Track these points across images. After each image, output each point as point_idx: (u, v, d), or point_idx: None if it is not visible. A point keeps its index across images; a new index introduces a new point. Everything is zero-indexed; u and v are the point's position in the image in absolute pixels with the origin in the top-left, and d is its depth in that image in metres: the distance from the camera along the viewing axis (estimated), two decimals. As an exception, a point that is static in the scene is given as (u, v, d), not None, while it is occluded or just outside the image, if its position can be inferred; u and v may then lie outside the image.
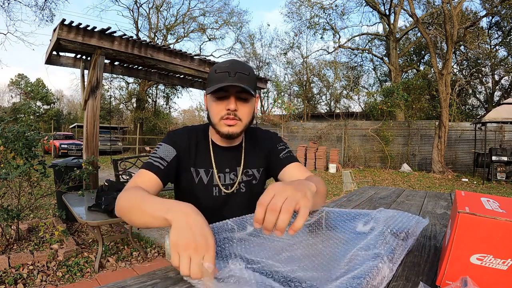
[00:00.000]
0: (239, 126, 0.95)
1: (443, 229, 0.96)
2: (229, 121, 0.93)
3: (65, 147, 13.29)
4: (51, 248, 2.76)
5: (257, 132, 1.13)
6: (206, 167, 1.02)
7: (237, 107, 0.93)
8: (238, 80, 0.89)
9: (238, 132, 0.96)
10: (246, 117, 0.96)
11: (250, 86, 0.91)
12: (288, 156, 1.06)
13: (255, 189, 1.08)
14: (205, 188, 1.01)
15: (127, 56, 4.72)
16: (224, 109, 0.93)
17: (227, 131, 0.94)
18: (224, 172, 1.03)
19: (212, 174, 1.02)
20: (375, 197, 1.52)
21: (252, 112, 0.99)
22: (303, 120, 16.42)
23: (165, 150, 0.97)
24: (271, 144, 1.08)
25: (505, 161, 8.50)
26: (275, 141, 1.10)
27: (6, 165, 2.69)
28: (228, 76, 0.89)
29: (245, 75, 0.91)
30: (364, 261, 0.57)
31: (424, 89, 14.05)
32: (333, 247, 0.69)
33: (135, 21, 20.75)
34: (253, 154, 1.08)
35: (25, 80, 33.32)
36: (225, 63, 0.94)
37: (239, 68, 0.92)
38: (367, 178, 8.90)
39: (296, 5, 19.97)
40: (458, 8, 10.45)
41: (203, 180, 1.01)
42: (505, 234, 0.47)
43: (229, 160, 1.04)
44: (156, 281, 0.56)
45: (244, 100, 0.94)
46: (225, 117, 0.93)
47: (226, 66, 0.92)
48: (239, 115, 0.94)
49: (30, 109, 27.26)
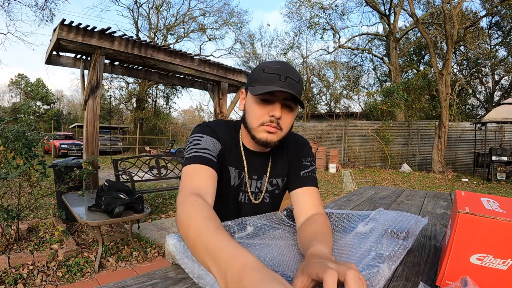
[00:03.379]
0: (279, 135, 0.86)
1: (443, 229, 0.96)
2: (271, 129, 0.84)
3: (65, 147, 13.27)
4: (51, 248, 2.76)
5: (290, 137, 1.00)
6: (239, 168, 0.94)
7: (281, 115, 0.84)
8: (288, 85, 0.80)
9: (276, 141, 0.87)
10: (287, 127, 0.87)
11: (299, 94, 0.83)
12: (308, 177, 0.93)
13: (276, 199, 1.02)
14: (233, 191, 0.95)
15: (127, 56, 4.72)
16: (266, 115, 0.83)
17: (265, 138, 0.85)
18: (252, 178, 0.96)
19: (243, 178, 0.95)
20: (375, 197, 1.52)
21: (292, 122, 0.90)
22: (303, 120, 16.42)
23: (210, 143, 0.85)
24: (298, 153, 0.98)
25: (505, 161, 8.50)
26: (303, 153, 0.98)
27: (6, 165, 2.69)
28: (278, 79, 0.80)
29: (295, 82, 0.82)
30: (364, 261, 0.57)
31: (424, 89, 14.05)
32: (333, 248, 0.69)
33: (135, 21, 20.77)
34: (280, 162, 0.99)
35: (25, 80, 33.31)
36: (274, 63, 0.84)
37: (290, 72, 0.82)
38: (367, 178, 8.90)
39: (296, 5, 19.98)
40: (458, 8, 10.44)
41: (231, 181, 0.94)
42: (505, 234, 0.47)
43: (258, 166, 0.97)
44: (156, 281, 0.56)
45: (290, 108, 0.85)
46: (266, 123, 0.84)
47: (276, 67, 0.82)
48: (281, 123, 0.84)
49: (30, 109, 27.19)
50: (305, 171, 0.94)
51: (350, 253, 0.65)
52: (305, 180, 0.91)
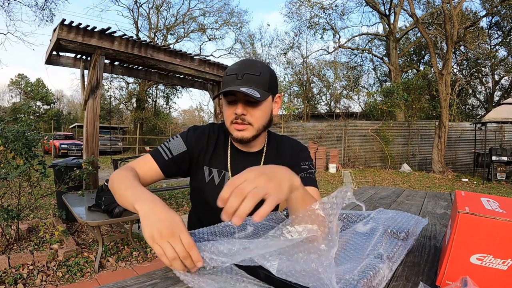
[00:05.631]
0: (250, 130, 0.91)
1: (443, 229, 0.96)
2: (238, 126, 0.90)
3: (65, 147, 13.28)
4: (51, 248, 2.76)
5: (284, 142, 1.05)
6: (220, 167, 0.99)
7: (247, 111, 0.89)
8: (245, 82, 0.85)
9: (249, 136, 0.91)
10: (258, 121, 0.91)
11: (259, 88, 0.87)
12: (307, 178, 0.97)
13: None
14: (214, 188, 0.98)
15: (127, 56, 4.72)
16: (233, 113, 0.89)
17: (237, 135, 0.91)
18: None
19: (224, 176, 0.99)
20: (375, 197, 1.52)
21: (267, 115, 0.93)
22: (303, 120, 16.42)
23: (176, 144, 0.96)
24: (296, 160, 1.00)
25: (505, 161, 8.50)
26: (302, 157, 1.01)
27: (6, 165, 2.69)
28: (236, 78, 0.86)
29: (254, 76, 0.87)
30: (364, 261, 0.57)
31: (424, 89, 14.06)
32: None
33: (135, 21, 20.77)
34: (274, 163, 1.02)
35: (25, 80, 33.33)
36: (236, 64, 0.90)
37: (248, 68, 0.87)
38: (367, 178, 8.90)
39: (296, 5, 19.99)
40: (458, 8, 10.45)
41: (215, 180, 0.99)
42: (505, 234, 0.47)
43: (245, 165, 0.98)
44: (156, 281, 0.56)
45: (254, 103, 0.88)
46: (234, 121, 0.90)
47: (235, 67, 0.88)
48: (248, 119, 0.89)
49: (30, 109, 27.19)
50: (303, 173, 0.97)
51: (350, 253, 0.65)
52: (304, 180, 0.92)
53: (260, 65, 0.90)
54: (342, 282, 0.49)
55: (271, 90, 0.91)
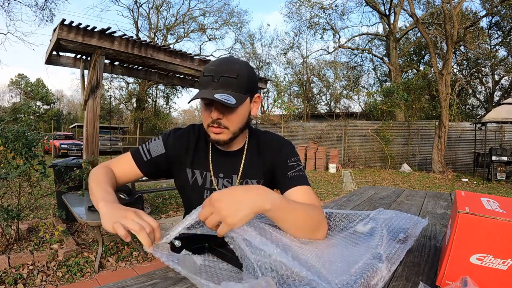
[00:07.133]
0: (226, 134, 0.89)
1: (443, 229, 0.96)
2: (214, 129, 0.88)
3: (65, 147, 13.27)
4: (51, 248, 2.76)
5: (266, 138, 1.02)
6: (202, 169, 0.99)
7: (223, 115, 0.86)
8: (222, 85, 0.82)
9: (225, 139, 0.90)
10: (234, 125, 0.89)
11: (236, 91, 0.83)
12: (296, 176, 0.93)
13: None
14: (198, 190, 0.98)
15: (127, 56, 4.72)
16: (209, 117, 0.87)
17: (214, 138, 0.90)
18: (218, 177, 0.98)
19: (206, 177, 0.98)
20: (375, 197, 1.52)
21: (244, 117, 0.91)
22: (303, 120, 16.42)
23: (156, 146, 0.98)
24: (280, 158, 0.96)
25: (505, 161, 8.50)
26: (285, 154, 0.96)
27: (6, 165, 2.69)
28: (212, 80, 0.82)
29: (231, 79, 0.82)
30: (363, 261, 0.57)
31: (424, 89, 14.06)
32: (333, 247, 0.69)
33: (135, 21, 20.78)
34: (255, 163, 0.99)
35: (25, 80, 33.33)
36: (213, 64, 0.86)
37: (224, 70, 0.83)
38: (367, 178, 8.90)
39: (296, 5, 20.00)
40: (458, 8, 10.44)
41: (198, 181, 0.99)
42: (505, 234, 0.47)
43: (225, 165, 0.99)
44: (156, 281, 0.56)
45: (230, 107, 0.84)
46: (210, 125, 0.89)
47: (212, 68, 0.84)
48: (224, 123, 0.87)
49: (30, 109, 27.19)
50: (292, 171, 0.94)
51: (350, 253, 0.65)
52: (294, 180, 0.92)
53: (237, 67, 0.85)
54: (340, 281, 0.49)
55: (249, 92, 0.89)
